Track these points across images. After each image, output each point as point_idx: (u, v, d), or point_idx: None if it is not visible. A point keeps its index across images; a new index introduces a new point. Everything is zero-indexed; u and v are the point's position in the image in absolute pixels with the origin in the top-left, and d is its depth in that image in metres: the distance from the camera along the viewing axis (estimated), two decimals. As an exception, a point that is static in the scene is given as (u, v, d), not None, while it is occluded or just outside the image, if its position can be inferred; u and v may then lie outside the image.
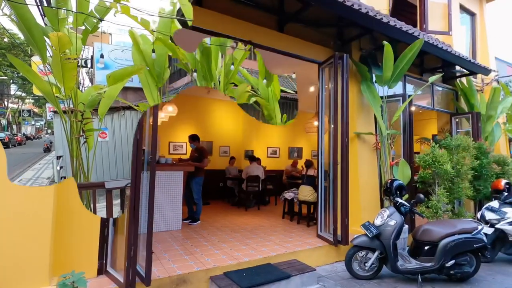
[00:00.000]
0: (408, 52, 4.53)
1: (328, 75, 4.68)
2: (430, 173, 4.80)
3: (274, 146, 10.33)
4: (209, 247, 3.99)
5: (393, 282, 3.60)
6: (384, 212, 3.62)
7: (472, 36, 8.72)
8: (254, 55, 6.63)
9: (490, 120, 6.81)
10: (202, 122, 8.84)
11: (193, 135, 5.87)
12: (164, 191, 4.85)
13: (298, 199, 5.65)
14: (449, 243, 3.43)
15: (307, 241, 4.38)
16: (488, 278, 3.83)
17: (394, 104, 5.32)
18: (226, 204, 7.85)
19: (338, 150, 4.26)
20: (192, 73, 5.62)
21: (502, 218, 4.34)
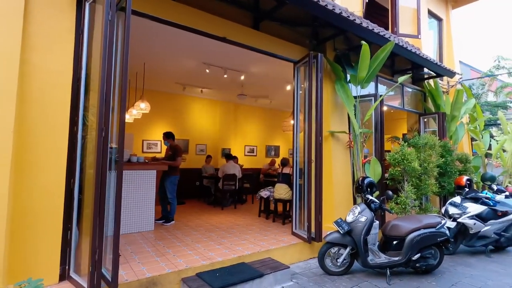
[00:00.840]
0: (381, 53, 4.67)
1: (303, 74, 4.72)
2: (400, 170, 5.00)
3: (252, 144, 10.32)
4: (182, 247, 3.90)
5: (364, 276, 3.71)
6: (355, 209, 3.71)
7: (439, 41, 9.19)
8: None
9: (454, 120, 7.21)
10: (177, 119, 8.64)
11: (167, 133, 5.71)
12: (136, 191, 4.67)
13: (274, 197, 5.67)
14: (415, 237, 3.59)
15: (281, 239, 4.41)
16: (451, 269, 4.06)
17: (367, 103, 5.48)
18: (202, 204, 7.73)
19: (313, 149, 4.31)
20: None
21: (464, 212, 4.61)
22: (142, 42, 4.88)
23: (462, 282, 3.63)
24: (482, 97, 18.75)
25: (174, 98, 8.49)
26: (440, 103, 7.26)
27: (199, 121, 9.11)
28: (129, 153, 4.73)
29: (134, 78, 6.55)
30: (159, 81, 7.21)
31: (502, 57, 17.87)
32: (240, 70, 6.16)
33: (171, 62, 5.83)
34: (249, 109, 10.12)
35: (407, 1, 7.35)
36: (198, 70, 6.18)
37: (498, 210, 4.73)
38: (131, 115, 6.56)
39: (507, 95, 18.45)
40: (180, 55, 5.46)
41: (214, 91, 8.20)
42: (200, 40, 4.30)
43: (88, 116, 3.00)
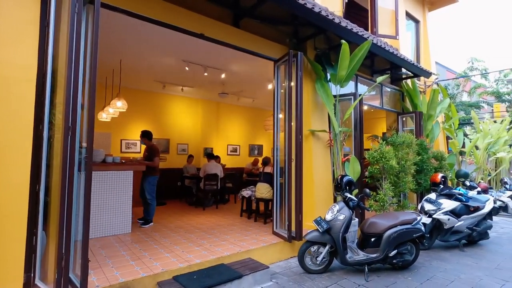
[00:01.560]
0: (358, 52, 4.72)
1: (284, 72, 4.70)
2: (378, 168, 5.08)
3: (235, 143, 10.24)
4: (159, 250, 3.78)
5: (343, 274, 3.74)
6: (334, 207, 3.73)
7: (416, 42, 9.46)
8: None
9: (431, 119, 7.45)
10: (158, 118, 8.43)
11: (143, 132, 5.56)
12: (111, 193, 4.50)
13: (256, 197, 5.63)
14: (392, 234, 3.65)
15: (262, 238, 4.38)
16: (426, 264, 4.16)
17: (347, 102, 5.54)
18: (183, 204, 7.58)
19: (293, 147, 4.30)
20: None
21: (438, 208, 4.75)
22: (117, 38, 4.70)
23: (437, 276, 3.73)
24: (457, 97, 19.53)
25: (154, 96, 8.28)
26: (417, 102, 7.47)
27: (180, 120, 8.94)
28: (104, 153, 4.54)
29: (110, 75, 6.32)
30: (138, 78, 7.00)
31: (475, 59, 18.68)
32: (220, 68, 6.07)
33: (149, 59, 5.66)
34: (232, 108, 10.04)
35: (385, 3, 7.50)
36: (177, 68, 6.04)
37: (470, 206, 4.90)
38: (108, 114, 6.32)
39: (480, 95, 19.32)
40: (158, 52, 5.31)
41: (195, 90, 8.06)
42: (178, 37, 4.18)
43: (56, 114, 2.84)
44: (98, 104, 6.81)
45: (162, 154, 8.22)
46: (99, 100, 6.85)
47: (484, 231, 5.08)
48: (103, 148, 7.18)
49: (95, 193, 4.32)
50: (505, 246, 5.20)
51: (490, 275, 3.82)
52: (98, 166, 4.38)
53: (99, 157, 4.49)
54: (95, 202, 4.30)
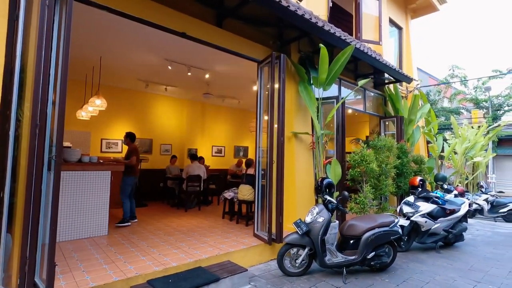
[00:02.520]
0: (341, 56, 4.77)
1: (267, 74, 4.69)
2: (359, 171, 5.15)
3: (220, 144, 10.17)
4: (135, 253, 3.67)
5: (322, 276, 3.74)
6: (314, 209, 3.74)
7: (399, 48, 9.70)
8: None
9: (411, 124, 7.62)
10: (140, 117, 8.26)
11: (127, 133, 5.59)
12: (87, 193, 4.35)
13: (238, 199, 5.59)
14: (370, 236, 3.69)
15: (243, 241, 4.33)
16: (404, 266, 4.23)
17: (330, 105, 5.58)
18: (165, 206, 7.44)
19: (274, 149, 4.29)
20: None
21: (416, 211, 4.85)
22: (96, 35, 4.56)
23: (413, 278, 3.79)
24: (438, 103, 20.18)
25: (137, 95, 8.11)
26: (399, 107, 7.64)
27: (164, 120, 8.79)
28: (80, 153, 4.39)
29: (91, 72, 6.14)
30: (119, 76, 6.84)
31: (456, 66, 19.34)
32: (204, 68, 6.01)
33: (130, 57, 5.53)
34: (217, 109, 9.97)
35: (370, 9, 7.65)
36: (160, 67, 5.93)
37: (446, 209, 5.04)
38: (87, 112, 6.14)
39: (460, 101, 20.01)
40: (139, 50, 5.19)
41: (179, 89, 7.95)
42: (160, 35, 4.11)
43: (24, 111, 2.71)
44: (77, 102, 6.62)
45: (144, 155, 8.09)
46: (78, 98, 6.68)
47: (460, 233, 5.22)
48: (82, 147, 6.97)
49: (69, 193, 4.17)
50: (479, 248, 5.37)
51: (463, 276, 3.92)
52: (73, 166, 4.23)
53: (75, 156, 4.33)
54: (69, 203, 4.16)
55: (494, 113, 17.65)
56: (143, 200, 7.52)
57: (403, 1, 9.61)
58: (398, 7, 9.39)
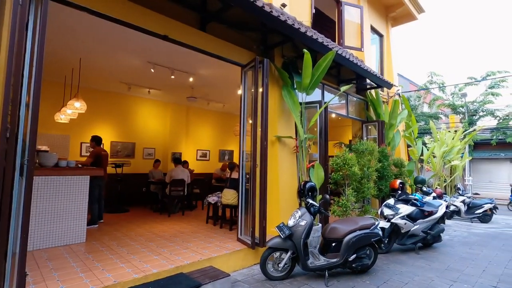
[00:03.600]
0: (322, 62, 4.86)
1: (251, 78, 4.72)
2: (341, 174, 5.23)
3: (204, 148, 10.08)
4: (114, 260, 3.56)
5: (304, 280, 3.76)
6: (296, 213, 3.76)
7: (380, 54, 10.00)
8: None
9: (392, 128, 7.85)
10: (123, 121, 8.09)
11: (92, 136, 5.81)
12: (64, 199, 4.19)
13: (222, 203, 5.55)
14: (351, 239, 3.74)
15: (226, 245, 4.30)
16: (384, 267, 4.32)
17: (313, 110, 5.66)
18: (148, 211, 7.27)
19: (258, 153, 4.30)
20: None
21: (396, 213, 4.97)
22: (75, 35, 4.45)
23: (393, 279, 3.87)
24: (418, 108, 20.90)
25: (119, 98, 7.94)
26: (380, 112, 7.85)
27: (148, 123, 8.64)
28: (56, 157, 4.24)
29: (69, 74, 5.96)
30: (100, 79, 6.68)
31: (434, 73, 20.11)
32: (188, 71, 5.97)
33: (112, 58, 5.41)
34: (202, 113, 9.90)
35: (352, 16, 7.85)
36: (142, 69, 5.85)
37: (425, 210, 5.19)
38: (66, 115, 5.94)
39: (438, 107, 20.79)
40: (121, 52, 5.10)
41: (162, 93, 7.85)
42: (142, 38, 4.05)
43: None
44: (56, 105, 6.41)
45: (126, 159, 7.92)
46: (57, 100, 6.47)
47: (437, 234, 5.39)
48: (60, 151, 6.75)
49: (45, 200, 4.01)
50: (456, 248, 5.56)
51: (441, 276, 4.04)
52: (49, 170, 4.08)
53: (52, 161, 4.18)
54: (45, 210, 3.99)
55: (470, 118, 18.45)
56: (124, 205, 7.35)
57: (384, 10, 9.95)
58: (379, 15, 9.70)
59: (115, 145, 7.92)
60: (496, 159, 19.04)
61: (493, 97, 18.11)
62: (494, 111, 18.54)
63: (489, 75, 18.13)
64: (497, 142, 17.92)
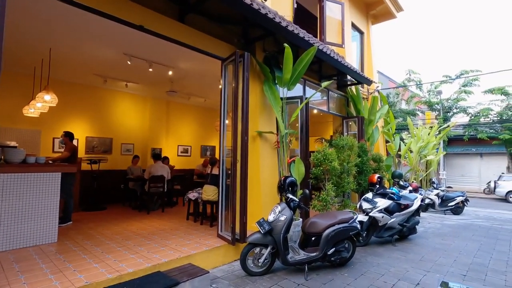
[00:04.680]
0: (305, 57, 4.85)
1: (231, 72, 4.63)
2: (322, 169, 5.28)
3: (186, 144, 9.90)
4: (88, 260, 3.41)
5: (284, 274, 3.77)
6: (276, 208, 3.76)
7: (361, 51, 10.16)
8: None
9: (371, 124, 8.01)
10: (99, 115, 7.77)
11: (65, 132, 5.63)
12: (33, 197, 3.96)
13: (202, 199, 5.46)
14: (330, 233, 3.79)
15: (206, 242, 4.23)
16: (362, 260, 4.41)
17: (295, 105, 5.67)
18: (126, 208, 7.06)
19: (238, 148, 4.25)
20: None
21: (374, 207, 5.09)
22: (43, 24, 4.17)
23: (370, 271, 3.96)
24: (397, 105, 21.54)
25: (94, 91, 7.60)
26: (360, 108, 7.99)
27: (126, 118, 8.35)
28: (24, 153, 3.99)
29: (39, 65, 5.62)
30: (74, 71, 6.35)
31: (412, 71, 20.74)
32: (167, 64, 5.78)
33: (85, 49, 5.14)
34: (183, 107, 9.69)
35: (333, 13, 7.90)
36: (118, 61, 5.60)
37: (401, 204, 5.35)
38: (35, 109, 5.61)
39: (415, 104, 21.51)
40: (94, 42, 4.85)
41: (141, 86, 7.59)
42: (117, 28, 3.85)
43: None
44: (24, 98, 6.06)
45: (103, 155, 7.64)
46: (25, 93, 6.11)
47: (413, 226, 5.58)
48: (30, 147, 6.39)
49: (11, 198, 3.77)
50: (430, 239, 5.78)
51: (415, 267, 4.18)
52: (16, 167, 3.84)
53: (18, 157, 3.94)
54: (11, 209, 3.76)
55: (445, 115, 19.24)
56: (101, 203, 7.10)
57: (365, 7, 10.08)
58: (360, 12, 9.83)
59: (90, 141, 7.60)
60: (468, 154, 20.02)
61: (466, 95, 18.96)
62: (466, 108, 19.44)
63: (463, 73, 18.95)
64: (469, 138, 18.83)
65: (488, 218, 8.90)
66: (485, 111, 18.28)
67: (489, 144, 18.19)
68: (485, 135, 17.80)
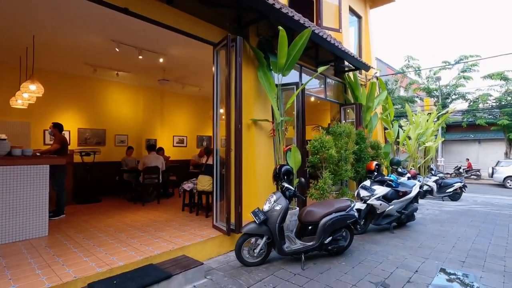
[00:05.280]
0: (299, 40, 4.65)
1: (224, 58, 4.45)
2: (319, 157, 5.16)
3: (181, 134, 9.75)
4: (78, 254, 3.32)
5: (281, 264, 3.70)
6: (271, 197, 3.65)
7: (359, 37, 9.90)
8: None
9: (369, 111, 7.86)
10: (91, 106, 7.58)
11: (53, 123, 5.47)
12: (21, 191, 3.84)
13: (197, 190, 5.36)
14: (327, 221, 3.70)
15: (201, 233, 4.15)
16: (360, 248, 4.35)
17: (291, 92, 5.49)
18: (121, 200, 6.97)
19: (232, 137, 4.11)
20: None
21: (372, 194, 5.01)
22: (25, 8, 3.95)
23: (368, 259, 3.90)
24: (395, 92, 21.32)
25: (84, 81, 7.38)
26: (358, 94, 7.82)
27: (118, 109, 8.16)
28: (9, 145, 3.84)
29: (24, 55, 5.39)
30: (61, 60, 6.12)
31: (411, 57, 20.45)
32: (157, 51, 5.57)
33: (69, 36, 4.91)
34: (177, 97, 9.48)
35: (330, -4, 7.62)
36: (106, 49, 5.38)
37: (399, 191, 5.27)
38: (23, 100, 5.42)
39: (414, 90, 21.30)
40: (79, 29, 4.63)
41: (133, 75, 7.37)
42: (103, 12, 3.64)
43: None
44: (12, 89, 5.85)
45: (96, 146, 7.50)
46: (12, 84, 5.91)
47: (411, 213, 5.52)
48: (20, 139, 6.23)
49: (-3, 192, 3.65)
50: (428, 226, 5.74)
51: (413, 254, 4.12)
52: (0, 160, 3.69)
53: (3, 149, 3.79)
54: (-3, 203, 3.64)
55: (443, 101, 19.08)
56: (96, 195, 6.99)
57: (362, -10, 9.77)
58: (358, -5, 9.53)
59: (83, 132, 7.43)
60: (466, 140, 19.99)
61: (465, 80, 18.76)
62: (465, 94, 19.28)
63: (462, 59, 18.69)
64: (467, 124, 18.75)
65: (486, 203, 8.88)
66: (484, 96, 18.14)
67: (488, 130, 18.14)
68: (483, 121, 17.72)
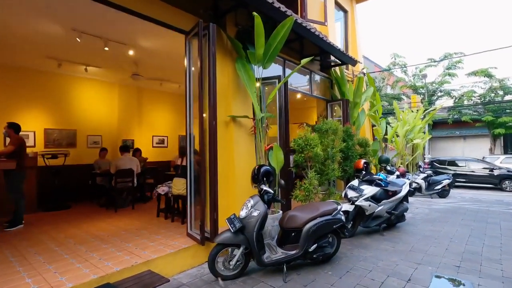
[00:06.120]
0: (281, 29, 4.27)
1: (197, 48, 4.01)
2: (303, 156, 4.80)
3: (161, 134, 9.22)
4: (21, 274, 2.84)
5: (260, 276, 3.30)
6: (249, 202, 3.25)
7: (345, 32, 9.63)
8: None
9: (357, 107, 7.58)
10: (58, 105, 6.99)
11: (8, 123, 4.87)
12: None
13: (172, 194, 4.91)
14: (311, 227, 3.33)
15: (172, 243, 3.71)
16: (348, 254, 4.01)
17: (273, 86, 5.11)
18: (93, 206, 6.42)
19: (206, 135, 3.69)
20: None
21: (360, 195, 4.68)
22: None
23: (356, 267, 3.55)
24: (382, 90, 21.32)
25: (49, 78, 6.78)
26: (345, 90, 7.52)
27: (91, 107, 7.58)
28: None
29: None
30: (18, 53, 5.51)
31: (397, 55, 20.43)
32: (125, 43, 5.07)
33: (22, 25, 4.35)
34: (156, 95, 8.96)
35: (315, -13, 7.29)
36: (68, 40, 4.84)
37: (389, 190, 4.97)
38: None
39: (401, 88, 21.34)
40: (33, 15, 4.09)
41: (104, 71, 6.81)
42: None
43: None
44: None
45: (66, 148, 6.92)
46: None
47: (401, 213, 5.24)
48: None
49: None
50: (419, 226, 5.47)
51: (405, 259, 3.81)
52: None
53: None
54: None
55: (430, 98, 19.16)
56: (65, 201, 6.42)
57: (348, -17, 9.50)
58: (343, -12, 9.25)
59: (50, 133, 6.84)
60: (452, 137, 20.15)
61: (450, 77, 18.89)
62: (450, 91, 19.41)
63: (447, 56, 18.80)
64: (453, 121, 18.87)
65: (474, 200, 8.76)
66: (468, 93, 18.28)
67: (472, 126, 18.29)
68: (468, 117, 17.86)
